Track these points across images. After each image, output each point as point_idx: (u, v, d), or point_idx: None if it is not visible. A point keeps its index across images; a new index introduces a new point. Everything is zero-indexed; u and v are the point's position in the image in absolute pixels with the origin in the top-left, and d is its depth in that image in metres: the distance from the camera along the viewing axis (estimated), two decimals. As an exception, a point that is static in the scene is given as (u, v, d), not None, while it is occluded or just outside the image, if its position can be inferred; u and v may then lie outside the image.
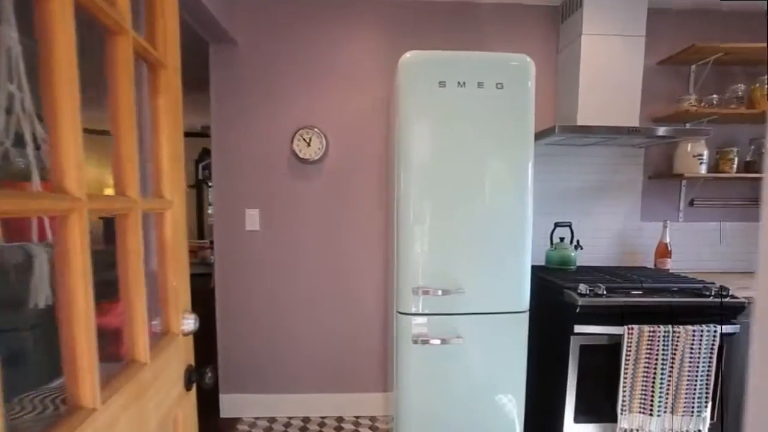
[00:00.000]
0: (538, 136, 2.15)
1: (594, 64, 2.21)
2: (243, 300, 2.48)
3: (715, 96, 2.40)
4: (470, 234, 1.82)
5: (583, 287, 1.85)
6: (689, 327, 1.82)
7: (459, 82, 1.76)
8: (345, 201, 2.43)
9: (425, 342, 1.83)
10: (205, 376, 1.05)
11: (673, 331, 1.81)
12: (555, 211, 2.51)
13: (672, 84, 2.52)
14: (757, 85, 2.37)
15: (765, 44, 2.25)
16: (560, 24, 2.43)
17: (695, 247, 2.61)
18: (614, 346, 1.86)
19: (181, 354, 0.99)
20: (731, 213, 2.62)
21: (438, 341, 1.83)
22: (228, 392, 2.53)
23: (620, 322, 1.82)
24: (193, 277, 1.10)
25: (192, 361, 1.07)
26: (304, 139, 2.26)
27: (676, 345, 1.82)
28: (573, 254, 2.29)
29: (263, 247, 2.45)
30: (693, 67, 2.51)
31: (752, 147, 2.52)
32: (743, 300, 1.87)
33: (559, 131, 2.05)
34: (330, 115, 2.37)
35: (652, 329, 1.81)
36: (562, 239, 2.35)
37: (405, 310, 1.86)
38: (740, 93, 2.40)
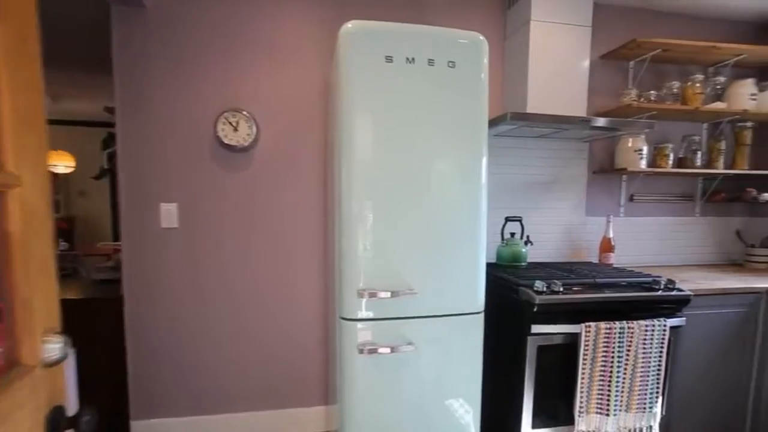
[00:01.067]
0: (490, 124, 2.02)
1: (543, 52, 2.13)
2: (158, 308, 2.11)
3: (653, 92, 2.42)
4: (421, 230, 1.63)
5: (539, 284, 1.74)
6: (642, 322, 1.77)
7: (408, 58, 1.57)
8: (281, 193, 2.15)
9: (372, 351, 1.62)
10: (81, 422, 0.76)
11: (628, 327, 1.75)
12: (505, 205, 2.41)
13: (613, 79, 2.52)
14: (689, 83, 2.43)
15: (702, 42, 2.30)
16: (507, 9, 2.34)
17: (635, 241, 2.64)
18: (571, 346, 1.76)
19: (40, 394, 0.70)
20: (666, 208, 2.68)
21: (387, 350, 1.62)
22: (141, 418, 2.15)
23: (577, 320, 1.73)
24: (106, 284, 0.80)
25: (63, 401, 0.78)
26: (230, 123, 1.96)
27: (630, 341, 1.76)
28: (524, 250, 2.20)
29: (183, 247, 2.10)
30: (632, 63, 2.53)
31: (684, 144, 2.59)
32: (689, 293, 1.86)
33: (512, 118, 1.93)
34: (262, 96, 2.09)
35: (608, 326, 1.73)
36: (513, 234, 2.24)
37: (349, 316, 1.63)
38: (675, 90, 2.44)
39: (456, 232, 1.67)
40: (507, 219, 2.24)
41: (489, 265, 2.13)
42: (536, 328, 1.71)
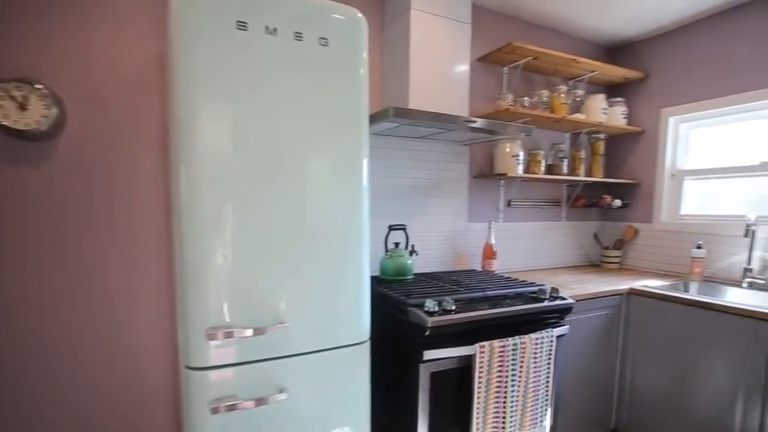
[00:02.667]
0: (370, 120, 1.77)
1: (424, 45, 1.96)
2: None
3: (526, 98, 2.44)
4: (291, 245, 1.29)
5: (430, 304, 1.52)
6: (533, 335, 1.67)
7: (268, 28, 1.22)
8: (100, 199, 1.60)
9: (231, 408, 1.22)
10: None
11: (521, 343, 1.63)
12: (387, 212, 2.18)
13: (489, 84, 2.49)
14: (555, 94, 2.51)
15: (565, 54, 2.37)
16: (385, -2, 2.13)
17: (513, 246, 2.64)
18: (465, 369, 1.58)
19: None
20: (539, 213, 2.74)
21: (251, 403, 1.24)
22: None
23: (471, 340, 1.55)
24: None
25: None
26: (12, 98, 1.36)
27: (523, 357, 1.64)
28: (410, 262, 1.99)
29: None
30: (506, 69, 2.52)
31: (552, 152, 2.68)
32: (572, 301, 1.82)
33: (395, 114, 1.70)
34: (72, 69, 1.51)
35: (502, 344, 1.59)
36: (397, 245, 2.02)
37: (196, 364, 1.21)
38: (545, 98, 2.50)
39: (334, 246, 1.36)
40: (391, 228, 2.01)
41: (373, 280, 1.88)
42: (429, 354, 1.49)
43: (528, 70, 2.57)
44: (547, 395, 1.74)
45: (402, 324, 1.58)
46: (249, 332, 1.23)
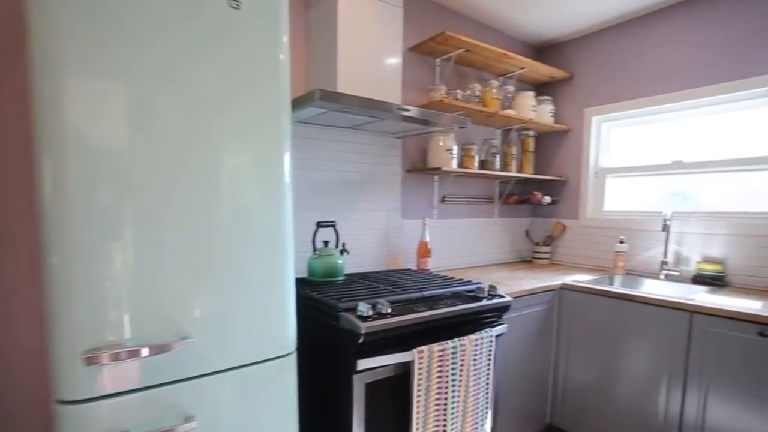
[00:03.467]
0: (294, 105, 1.59)
1: (354, 25, 1.80)
2: None
3: (459, 91, 2.38)
4: (199, 248, 1.07)
5: (364, 307, 1.36)
6: (472, 337, 1.57)
7: (165, -22, 1.00)
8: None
9: (117, 449, 0.98)
10: None
11: (460, 345, 1.53)
12: (315, 207, 2.00)
13: (421, 75, 2.39)
14: (487, 88, 2.48)
15: (498, 48, 2.34)
16: (313, -26, 1.95)
17: (448, 243, 2.56)
18: (403, 376, 1.44)
19: None
20: (472, 209, 2.70)
21: (145, 440, 1.00)
22: None
23: (409, 345, 1.41)
24: None
25: None
26: None
27: (463, 360, 1.54)
28: (340, 261, 1.82)
29: None
30: (438, 60, 2.45)
31: (485, 147, 2.64)
32: (510, 299, 1.76)
33: (321, 98, 1.53)
34: None
35: (441, 348, 1.47)
36: (326, 243, 1.84)
37: (72, 396, 0.95)
38: (478, 92, 2.46)
39: (253, 246, 1.16)
40: (319, 225, 1.83)
41: (299, 282, 1.69)
42: (363, 363, 1.33)
43: (460, 64, 2.52)
44: (487, 398, 1.66)
45: (333, 331, 1.41)
46: (144, 351, 0.99)
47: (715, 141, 2.28)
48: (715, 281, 2.15)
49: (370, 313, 1.36)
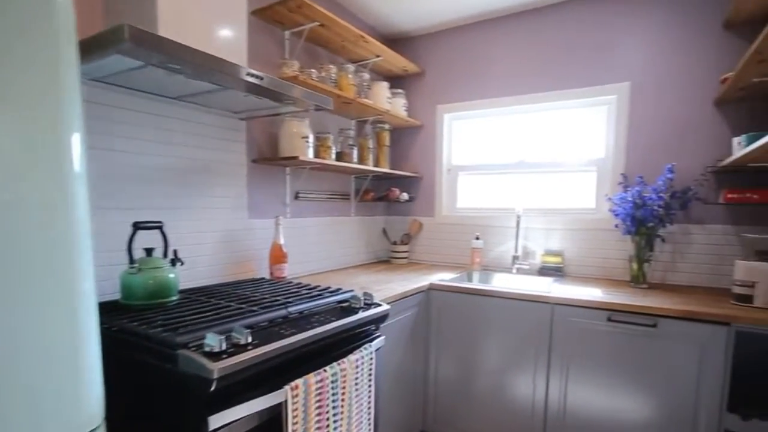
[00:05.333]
0: (88, 48, 1.08)
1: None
2: None
3: (314, 71, 2.07)
4: None
5: (213, 339, 0.94)
6: (353, 357, 1.28)
7: None
8: None
9: None
10: None
11: (341, 370, 1.22)
12: (130, 204, 1.44)
13: (269, 48, 2.01)
14: (344, 73, 2.23)
15: (355, 28, 2.12)
16: None
17: (303, 246, 2.22)
18: (272, 424, 1.06)
19: None
20: (328, 207, 2.41)
21: None
22: None
23: (279, 381, 1.05)
24: None
25: None
26: None
27: (344, 385, 1.24)
28: (172, 275, 1.31)
29: None
30: (287, 33, 2.10)
31: (341, 138, 2.39)
32: (387, 307, 1.53)
33: (133, 39, 1.03)
34: None
35: (319, 378, 1.14)
36: (150, 251, 1.32)
37: None
38: (333, 75, 2.19)
39: (16, 265, 0.65)
40: (137, 226, 1.30)
41: (107, 309, 1.16)
42: (218, 419, 0.91)
43: (312, 42, 2.22)
44: (369, 420, 1.39)
45: (168, 378, 0.95)
46: None
47: (553, 143, 2.47)
48: (556, 272, 2.31)
49: (223, 346, 0.95)
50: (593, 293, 1.84)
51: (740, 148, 1.69)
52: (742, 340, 1.53)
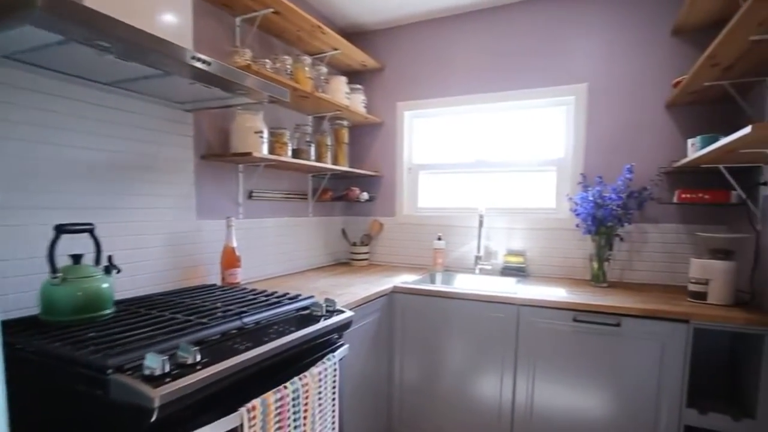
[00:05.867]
0: None
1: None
2: None
3: (268, 61, 1.93)
4: None
5: (154, 360, 0.80)
6: (314, 370, 1.18)
7: None
8: None
9: None
10: None
11: (302, 386, 1.11)
12: (51, 203, 1.25)
13: (218, 35, 1.86)
14: (300, 65, 2.11)
15: (312, 18, 2.00)
16: None
17: (258, 248, 2.07)
18: (224, 454, 0.93)
19: None
20: (284, 207, 2.27)
21: None
22: None
23: (233, 403, 0.92)
24: None
25: None
26: None
27: (307, 401, 1.13)
28: (106, 285, 1.14)
29: None
30: (238, 20, 1.95)
31: (297, 134, 2.26)
32: (351, 313, 1.42)
33: (46, 7, 0.86)
34: None
35: (279, 396, 1.02)
36: (78, 258, 1.14)
37: None
38: (289, 67, 2.06)
39: None
40: (60, 229, 1.12)
41: (22, 327, 0.99)
42: (157, 457, 0.78)
43: (266, 31, 2.09)
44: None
45: (98, 409, 0.80)
46: None
47: (513, 143, 2.45)
48: (519, 272, 2.30)
49: (167, 367, 0.81)
50: (558, 293, 1.83)
51: (694, 149, 1.73)
52: (699, 337, 1.56)
